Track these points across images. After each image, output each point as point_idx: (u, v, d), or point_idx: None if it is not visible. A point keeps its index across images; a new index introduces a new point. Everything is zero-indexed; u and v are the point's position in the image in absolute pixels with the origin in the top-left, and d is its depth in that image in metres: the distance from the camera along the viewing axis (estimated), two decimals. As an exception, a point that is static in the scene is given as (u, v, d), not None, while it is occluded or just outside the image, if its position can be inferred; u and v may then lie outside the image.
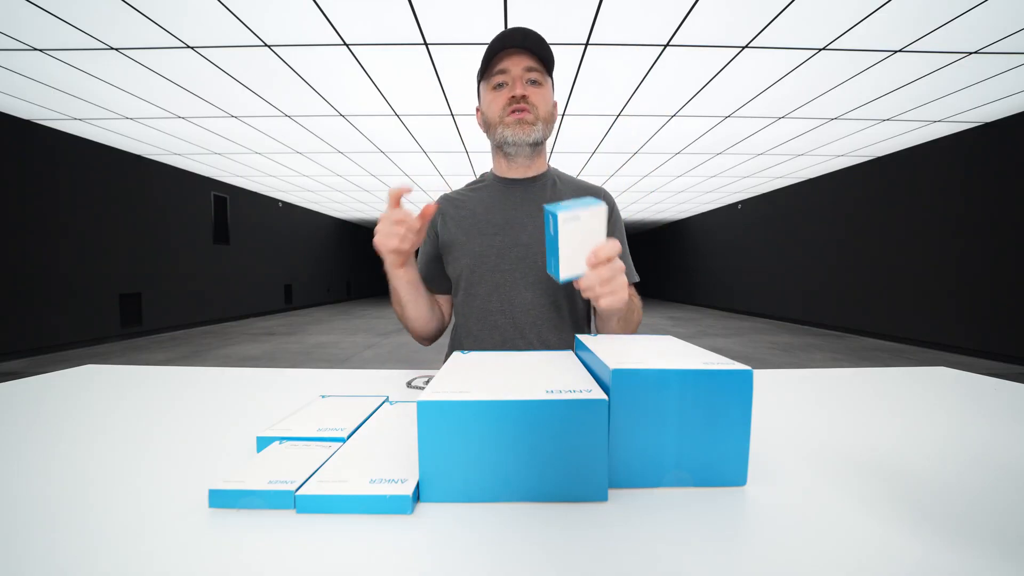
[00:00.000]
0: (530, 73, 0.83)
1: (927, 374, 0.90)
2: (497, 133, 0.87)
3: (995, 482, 0.44)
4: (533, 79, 0.84)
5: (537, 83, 0.84)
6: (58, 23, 2.63)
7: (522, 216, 0.90)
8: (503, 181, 0.95)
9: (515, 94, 0.83)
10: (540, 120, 0.85)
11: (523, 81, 0.83)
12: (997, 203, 4.26)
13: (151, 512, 0.39)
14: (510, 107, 0.84)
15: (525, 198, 0.92)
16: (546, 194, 0.93)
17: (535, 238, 0.88)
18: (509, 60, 0.83)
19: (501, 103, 0.84)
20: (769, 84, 3.45)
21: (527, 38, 0.82)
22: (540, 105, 0.85)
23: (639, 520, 0.37)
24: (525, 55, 0.82)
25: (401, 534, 0.35)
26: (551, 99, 0.88)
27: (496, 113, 0.85)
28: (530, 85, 0.84)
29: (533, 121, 0.84)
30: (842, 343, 5.38)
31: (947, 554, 0.32)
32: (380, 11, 2.54)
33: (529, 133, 0.85)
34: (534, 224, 0.89)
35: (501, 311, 0.89)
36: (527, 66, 0.83)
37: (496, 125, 0.86)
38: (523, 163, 0.91)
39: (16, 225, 4.33)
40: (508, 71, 0.83)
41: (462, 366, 0.52)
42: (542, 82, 0.85)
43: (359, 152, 5.39)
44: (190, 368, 0.93)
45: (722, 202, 8.85)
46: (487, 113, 0.88)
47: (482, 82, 0.88)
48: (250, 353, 4.80)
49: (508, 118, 0.84)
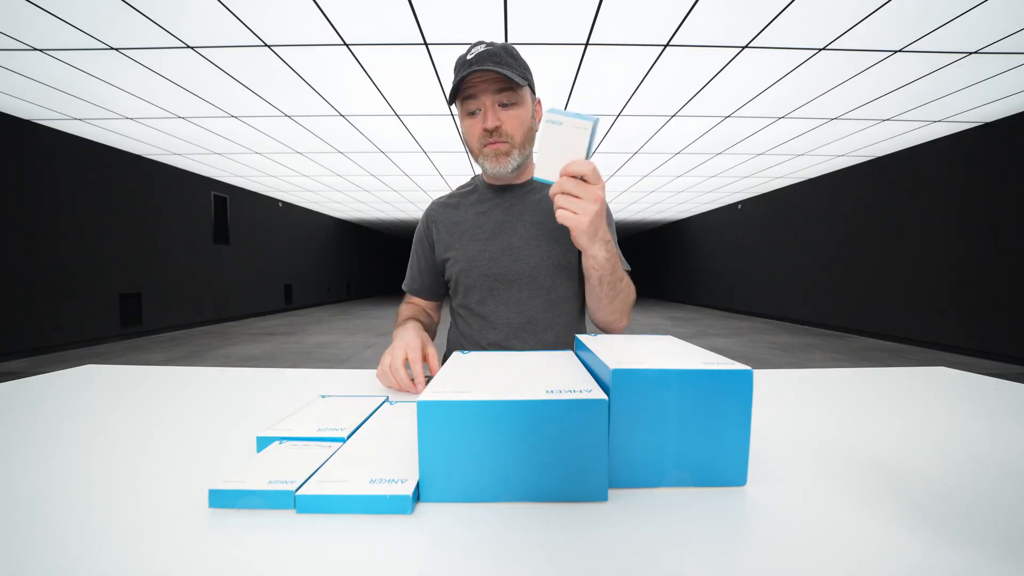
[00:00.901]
0: (500, 95, 0.81)
1: (927, 374, 0.90)
2: (478, 160, 0.88)
3: (995, 482, 0.44)
4: (503, 102, 0.82)
5: (509, 105, 0.82)
6: (58, 23, 2.63)
7: (511, 220, 0.92)
8: (492, 188, 0.96)
9: (486, 126, 0.81)
10: (516, 148, 0.85)
11: (494, 108, 0.81)
12: (997, 203, 4.26)
13: (151, 512, 0.39)
14: (485, 140, 0.83)
15: (514, 203, 0.93)
16: (535, 196, 0.94)
17: (525, 240, 0.90)
18: (477, 86, 0.80)
19: (477, 133, 0.84)
20: (769, 84, 3.45)
21: (492, 57, 0.79)
22: (515, 132, 0.84)
23: (639, 520, 0.37)
24: (492, 76, 0.79)
25: (401, 534, 0.35)
26: (527, 114, 0.85)
27: (473, 144, 0.86)
28: (502, 109, 0.82)
29: (508, 151, 0.84)
30: (842, 343, 5.38)
31: (947, 554, 0.33)
32: (380, 11, 2.54)
33: (505, 164, 0.85)
34: (524, 227, 0.91)
35: (495, 312, 0.91)
36: (496, 88, 0.80)
37: (477, 154, 0.87)
38: (509, 177, 0.92)
39: (16, 225, 4.33)
40: (477, 97, 0.81)
41: (462, 366, 0.52)
42: (515, 101, 0.82)
43: (359, 152, 5.39)
44: (190, 368, 0.93)
45: (722, 202, 8.85)
46: (466, 140, 0.88)
47: (455, 104, 0.86)
48: (250, 353, 4.80)
49: (485, 149, 0.84)
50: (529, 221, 0.91)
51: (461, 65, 0.81)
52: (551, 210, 0.92)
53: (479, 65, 0.77)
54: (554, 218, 0.90)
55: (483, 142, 0.84)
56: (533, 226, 0.91)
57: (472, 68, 0.77)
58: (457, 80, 0.79)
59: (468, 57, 0.80)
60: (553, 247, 0.90)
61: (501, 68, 0.78)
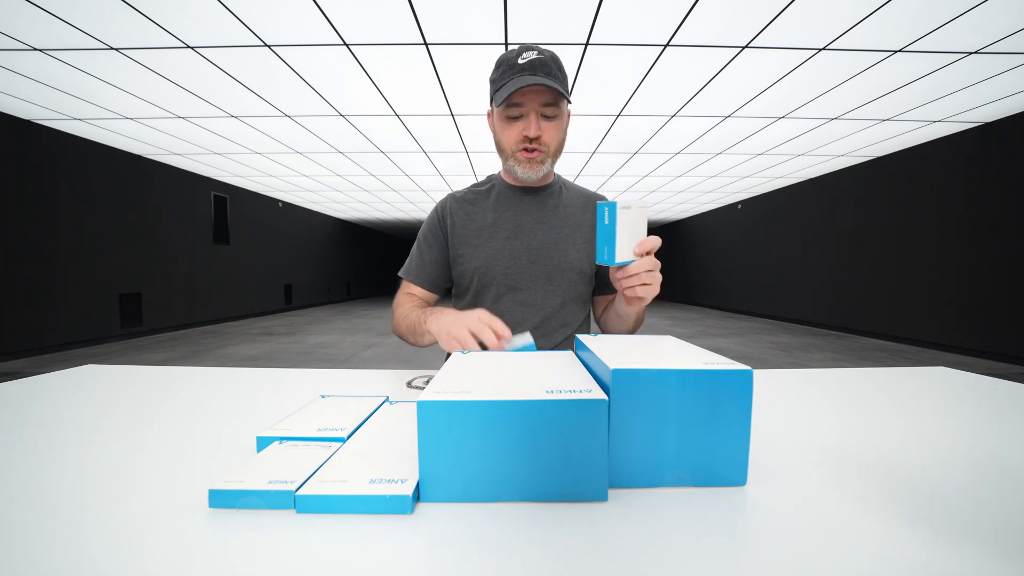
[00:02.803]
0: (546, 108, 0.81)
1: (927, 374, 0.90)
2: (508, 162, 0.88)
3: (995, 482, 0.44)
4: (547, 114, 0.82)
5: (551, 117, 0.83)
6: (58, 23, 2.63)
7: (532, 222, 0.93)
8: (513, 188, 0.96)
9: (528, 134, 0.82)
10: (550, 157, 0.86)
11: (538, 118, 0.82)
12: (997, 203, 4.26)
13: (151, 512, 0.39)
14: (522, 144, 0.84)
15: (535, 205, 0.94)
16: (554, 200, 0.96)
17: (546, 243, 0.91)
18: (526, 95, 0.80)
19: (515, 137, 0.84)
20: (769, 84, 3.45)
21: (544, 67, 0.79)
22: (552, 142, 0.85)
23: (639, 520, 0.37)
24: (543, 89, 0.79)
25: (401, 534, 0.35)
26: (564, 127, 0.86)
27: (509, 146, 0.86)
28: (544, 120, 0.83)
29: (543, 160, 0.86)
30: (842, 343, 5.38)
31: (947, 553, 0.32)
32: (380, 11, 2.54)
33: (538, 171, 0.87)
34: (544, 230, 0.92)
35: (510, 311, 0.91)
36: (544, 101, 0.81)
37: (508, 156, 0.87)
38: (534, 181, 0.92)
39: (16, 225, 4.33)
40: (523, 104, 0.81)
41: (462, 366, 0.52)
42: (557, 114, 0.83)
43: (359, 152, 5.39)
44: (190, 368, 0.93)
45: (722, 202, 8.85)
46: (500, 140, 0.88)
47: (495, 104, 0.84)
48: (250, 353, 4.80)
49: (520, 154, 0.85)
50: (550, 224, 0.93)
51: (511, 68, 0.80)
52: (568, 214, 0.94)
53: (531, 73, 0.77)
54: (571, 222, 0.93)
55: (519, 147, 0.84)
56: (553, 229, 0.92)
57: (526, 78, 0.77)
58: (510, 86, 0.78)
59: (519, 62, 0.79)
60: (568, 250, 0.92)
61: (551, 81, 0.78)
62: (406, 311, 0.90)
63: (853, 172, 5.97)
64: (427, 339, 0.82)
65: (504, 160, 0.89)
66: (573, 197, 0.97)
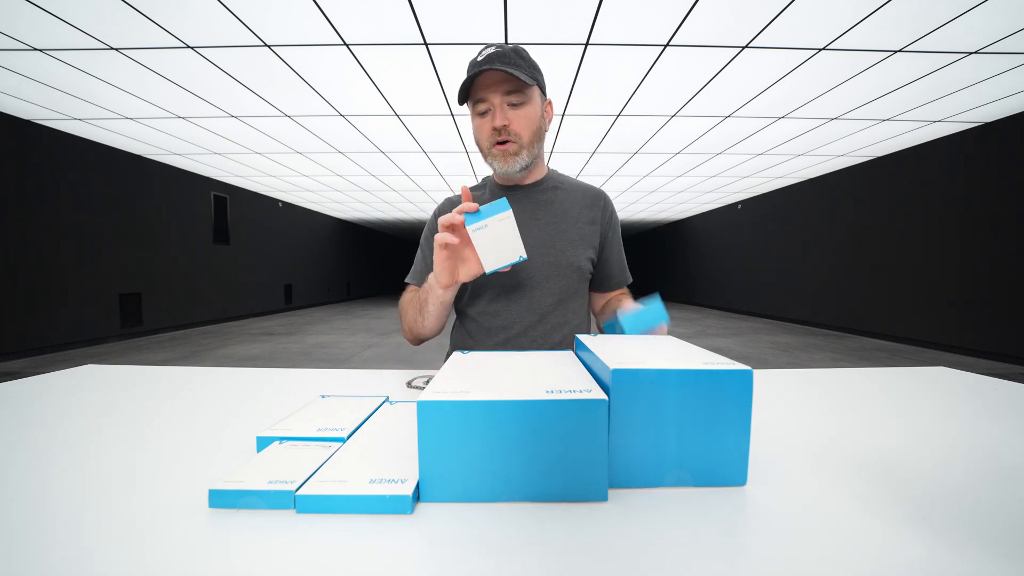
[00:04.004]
0: (509, 96, 0.82)
1: (927, 374, 0.90)
2: (487, 160, 0.89)
3: (995, 482, 0.44)
4: (512, 102, 0.82)
5: (518, 105, 0.83)
6: (58, 23, 2.63)
7: (524, 219, 0.92)
8: (503, 187, 0.97)
9: (495, 125, 0.82)
10: (524, 147, 0.86)
11: (503, 108, 0.82)
12: (997, 203, 4.26)
13: (151, 512, 0.39)
14: (495, 138, 0.84)
15: (526, 203, 0.94)
16: (547, 196, 0.95)
17: (538, 240, 0.90)
18: (487, 87, 0.82)
19: (486, 133, 0.85)
20: (769, 84, 3.45)
21: (502, 58, 0.80)
22: (523, 131, 0.84)
23: (639, 520, 0.37)
24: (501, 77, 0.80)
25: (401, 534, 0.35)
26: (536, 113, 0.86)
27: (483, 143, 0.87)
28: (511, 109, 0.83)
29: (517, 151, 0.85)
30: (842, 343, 5.38)
31: (947, 553, 0.32)
32: (380, 11, 2.54)
33: (514, 164, 0.87)
34: (536, 227, 0.91)
35: (507, 311, 0.91)
36: (506, 90, 0.81)
37: (486, 154, 0.88)
38: (518, 177, 0.92)
39: (16, 225, 4.33)
40: (487, 98, 0.82)
41: (462, 366, 0.52)
42: (524, 101, 0.83)
43: (359, 152, 5.39)
44: (190, 368, 0.93)
45: (722, 202, 8.84)
46: (477, 140, 0.89)
47: (466, 105, 0.87)
48: (250, 353, 4.80)
49: (494, 150, 0.85)
50: (542, 221, 0.92)
51: (471, 67, 0.82)
52: (563, 210, 0.94)
53: (488, 65, 0.78)
54: (567, 218, 0.93)
55: (492, 142, 0.85)
56: (546, 226, 0.92)
57: (481, 68, 0.78)
58: (466, 80, 0.80)
59: (478, 59, 0.81)
60: (565, 247, 0.91)
61: (509, 68, 0.78)
62: (409, 297, 0.93)
63: (853, 172, 5.97)
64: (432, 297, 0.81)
65: (484, 160, 0.90)
66: (570, 192, 0.97)
